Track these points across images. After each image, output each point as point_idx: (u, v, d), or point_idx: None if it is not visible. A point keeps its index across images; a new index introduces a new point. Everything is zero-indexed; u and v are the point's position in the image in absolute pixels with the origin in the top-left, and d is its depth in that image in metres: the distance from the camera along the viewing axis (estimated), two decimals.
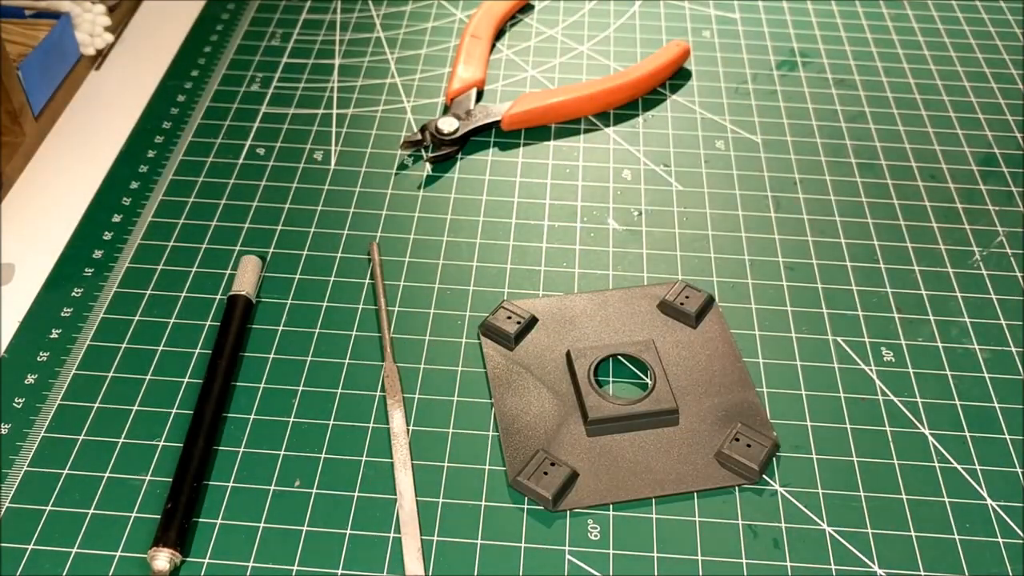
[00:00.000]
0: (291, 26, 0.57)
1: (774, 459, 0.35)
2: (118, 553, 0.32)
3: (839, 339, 0.39)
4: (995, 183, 0.47)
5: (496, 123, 0.49)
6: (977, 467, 0.35)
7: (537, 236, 0.44)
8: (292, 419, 0.36)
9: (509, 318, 0.39)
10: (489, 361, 0.38)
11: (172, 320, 0.40)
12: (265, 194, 0.46)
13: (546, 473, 0.34)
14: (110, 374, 0.38)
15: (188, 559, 0.32)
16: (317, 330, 0.39)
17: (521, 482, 0.34)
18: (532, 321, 0.39)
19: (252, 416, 0.36)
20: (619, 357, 0.38)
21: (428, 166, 0.47)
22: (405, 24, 0.57)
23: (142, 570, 0.32)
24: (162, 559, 0.31)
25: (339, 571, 0.32)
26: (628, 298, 0.40)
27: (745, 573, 0.32)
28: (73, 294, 0.41)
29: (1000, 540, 0.33)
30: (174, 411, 0.36)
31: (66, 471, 0.34)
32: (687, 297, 0.40)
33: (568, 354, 0.38)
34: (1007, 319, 0.40)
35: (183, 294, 0.41)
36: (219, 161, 0.48)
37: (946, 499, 0.34)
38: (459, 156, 0.48)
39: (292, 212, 0.45)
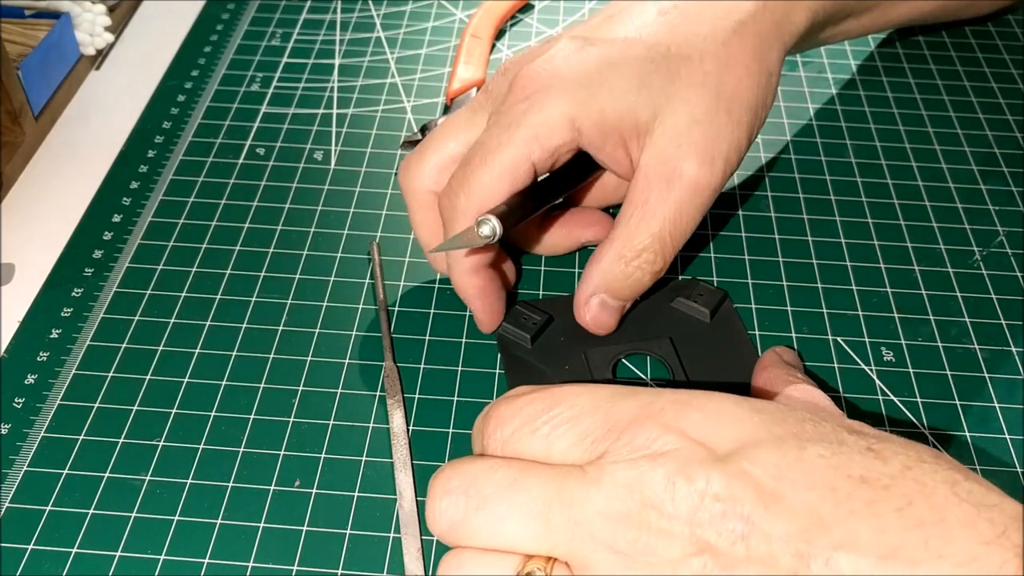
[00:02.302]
0: (291, 26, 0.57)
1: None
2: (118, 553, 0.32)
3: (839, 339, 0.39)
4: (995, 183, 0.47)
5: None
6: (977, 467, 0.35)
7: None
8: (292, 419, 0.36)
9: (525, 318, 0.39)
10: (507, 363, 0.38)
11: (172, 320, 0.40)
12: (265, 194, 0.46)
13: None
14: (110, 374, 0.38)
15: (187, 559, 0.32)
16: (317, 330, 0.39)
17: None
18: (548, 321, 0.39)
19: (252, 416, 0.36)
20: (637, 355, 0.38)
21: None
22: (405, 24, 0.57)
23: (142, 570, 0.32)
24: (487, 226, 0.33)
25: (339, 571, 0.32)
26: (643, 296, 0.40)
27: None
28: (73, 294, 0.41)
29: None
30: (174, 411, 0.36)
31: (66, 471, 0.34)
32: (700, 295, 0.39)
33: (585, 354, 0.38)
34: (1007, 319, 0.40)
35: (183, 294, 0.41)
36: (219, 161, 0.48)
37: None
38: None
39: (292, 212, 0.45)
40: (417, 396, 0.37)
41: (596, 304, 0.37)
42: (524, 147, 0.35)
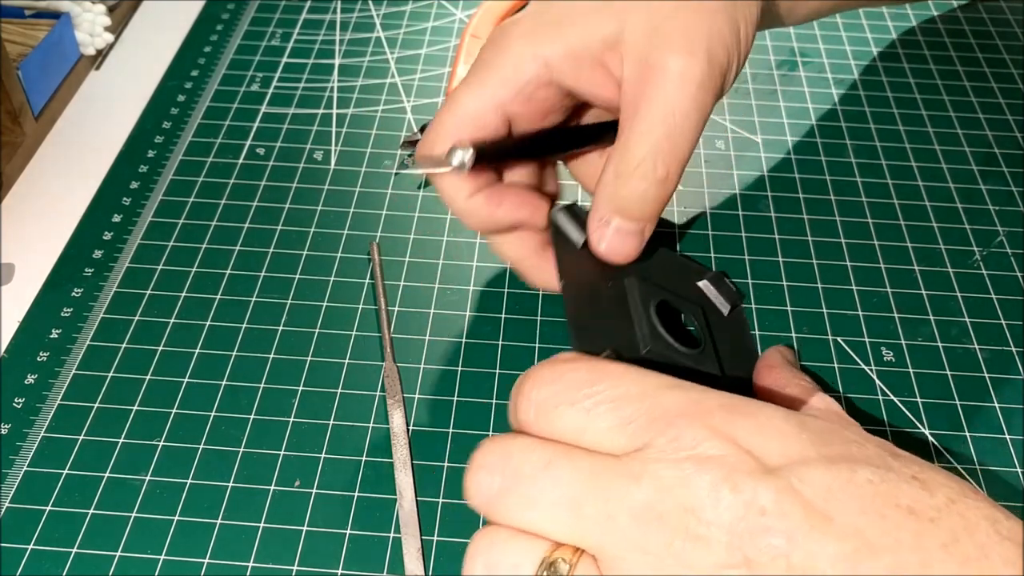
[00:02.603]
0: (291, 26, 0.57)
1: None
2: (118, 553, 0.32)
3: (839, 339, 0.39)
4: (995, 183, 0.47)
5: None
6: (977, 467, 0.35)
7: None
8: (292, 419, 0.36)
9: (583, 218, 0.35)
10: (556, 250, 0.35)
11: (172, 320, 0.40)
12: (265, 194, 0.46)
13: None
14: (110, 374, 0.38)
15: (187, 559, 0.32)
16: (317, 330, 0.40)
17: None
18: None
19: (252, 416, 0.36)
20: (672, 308, 0.36)
21: None
22: (405, 24, 0.57)
23: (142, 570, 0.32)
24: (457, 153, 0.32)
25: (339, 571, 0.32)
26: (673, 264, 0.38)
27: None
28: (73, 294, 0.41)
29: None
30: (174, 411, 0.36)
31: (66, 471, 0.34)
32: (725, 288, 0.38)
33: (625, 282, 0.35)
34: (1007, 319, 0.40)
35: (183, 294, 0.41)
36: (219, 161, 0.48)
37: None
38: None
39: (292, 212, 0.45)
40: (417, 396, 0.37)
41: (610, 230, 0.34)
42: (489, 89, 0.34)
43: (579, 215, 0.36)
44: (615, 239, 0.34)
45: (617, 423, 0.25)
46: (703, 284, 0.38)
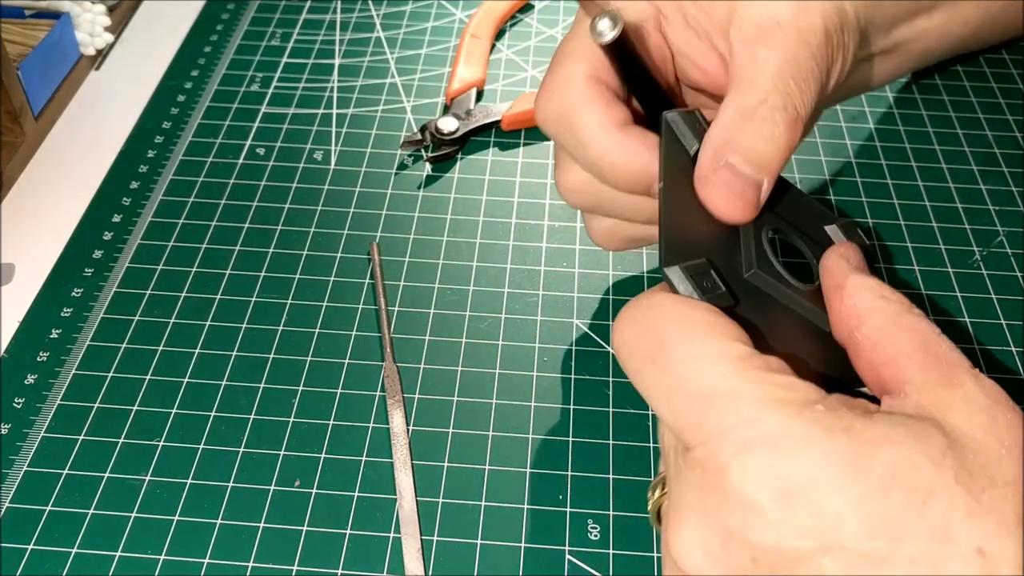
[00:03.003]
0: (291, 26, 0.57)
1: None
2: (118, 553, 0.32)
3: None
4: (995, 183, 0.47)
5: (496, 123, 0.49)
6: None
7: (537, 236, 0.44)
8: (292, 419, 0.36)
9: (700, 126, 0.31)
10: (664, 154, 0.30)
11: (172, 320, 0.40)
12: (265, 194, 0.46)
13: (705, 284, 0.27)
14: (110, 374, 0.38)
15: (187, 559, 0.32)
16: (317, 330, 0.40)
17: (675, 271, 0.27)
18: None
19: (252, 416, 0.36)
20: (790, 241, 0.32)
21: (428, 166, 0.47)
22: (405, 24, 0.57)
23: (142, 570, 0.32)
24: (604, 21, 0.28)
25: (339, 571, 0.32)
26: (799, 202, 0.33)
27: None
28: (73, 294, 0.41)
29: None
30: (174, 411, 0.36)
31: (66, 471, 0.34)
32: (855, 234, 0.33)
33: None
34: (1007, 319, 0.40)
35: (183, 294, 0.41)
36: (219, 161, 0.48)
37: None
38: (459, 156, 0.48)
39: (292, 212, 0.45)
40: (417, 396, 0.37)
41: (726, 174, 0.28)
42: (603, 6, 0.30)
43: (698, 120, 0.31)
44: (735, 182, 0.28)
45: (667, 414, 0.24)
46: (831, 229, 0.33)
